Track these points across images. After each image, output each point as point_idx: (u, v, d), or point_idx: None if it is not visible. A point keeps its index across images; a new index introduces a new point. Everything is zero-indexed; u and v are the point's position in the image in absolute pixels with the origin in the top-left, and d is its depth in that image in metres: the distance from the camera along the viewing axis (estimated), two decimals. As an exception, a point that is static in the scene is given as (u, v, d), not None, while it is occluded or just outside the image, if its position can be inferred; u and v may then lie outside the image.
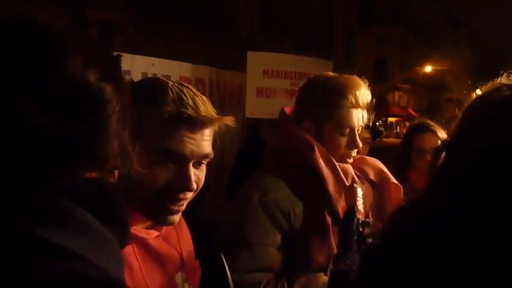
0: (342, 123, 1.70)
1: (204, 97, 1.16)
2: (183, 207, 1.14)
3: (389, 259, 0.89)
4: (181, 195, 1.11)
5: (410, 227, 0.89)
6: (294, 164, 1.69)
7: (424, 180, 0.96)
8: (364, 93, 1.72)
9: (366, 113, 1.75)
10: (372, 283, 0.92)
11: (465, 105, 0.91)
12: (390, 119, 35.05)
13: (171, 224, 1.14)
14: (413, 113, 32.81)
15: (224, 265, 1.37)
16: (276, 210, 1.61)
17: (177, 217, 1.13)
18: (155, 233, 1.17)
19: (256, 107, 3.84)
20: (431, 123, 2.92)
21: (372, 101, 1.77)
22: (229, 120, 1.17)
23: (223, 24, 14.51)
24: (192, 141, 1.10)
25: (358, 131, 1.74)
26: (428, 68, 35.10)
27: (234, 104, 4.30)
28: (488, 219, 0.79)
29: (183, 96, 1.12)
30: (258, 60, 4.04)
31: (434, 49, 38.44)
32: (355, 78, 1.76)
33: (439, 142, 1.97)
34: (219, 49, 10.77)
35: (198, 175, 1.14)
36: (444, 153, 0.89)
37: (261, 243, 1.59)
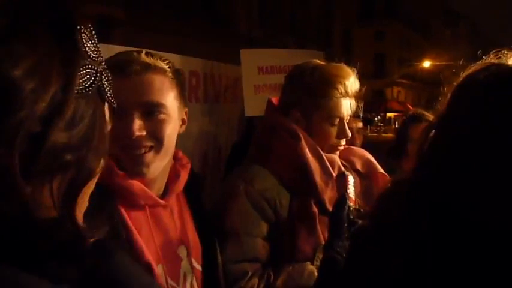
0: (332, 114, 1.68)
1: (145, 51, 1.20)
2: (146, 157, 1.15)
3: (379, 239, 0.87)
4: (134, 144, 1.12)
5: (399, 206, 0.87)
6: (280, 154, 1.67)
7: None
8: (352, 82, 1.70)
9: (354, 101, 1.73)
10: (362, 266, 0.90)
11: (454, 84, 0.89)
12: (389, 114, 35.09)
13: (143, 174, 1.15)
14: (412, 108, 32.87)
15: (217, 254, 1.39)
16: (262, 200, 1.60)
17: (144, 168, 1.15)
18: (163, 202, 1.21)
19: (255, 105, 3.80)
20: (427, 113, 2.87)
21: (360, 89, 1.75)
22: (160, 64, 1.18)
23: (221, 20, 14.48)
24: (128, 89, 1.11)
25: (346, 120, 1.72)
26: (427, 63, 35.08)
27: (230, 98, 4.24)
28: (476, 196, 0.78)
29: (124, 53, 1.18)
30: (252, 58, 3.99)
31: (433, 44, 38.40)
32: (344, 66, 1.73)
33: None
34: (216, 45, 10.77)
35: (151, 125, 1.14)
36: (433, 131, 0.88)
37: (247, 233, 1.58)
